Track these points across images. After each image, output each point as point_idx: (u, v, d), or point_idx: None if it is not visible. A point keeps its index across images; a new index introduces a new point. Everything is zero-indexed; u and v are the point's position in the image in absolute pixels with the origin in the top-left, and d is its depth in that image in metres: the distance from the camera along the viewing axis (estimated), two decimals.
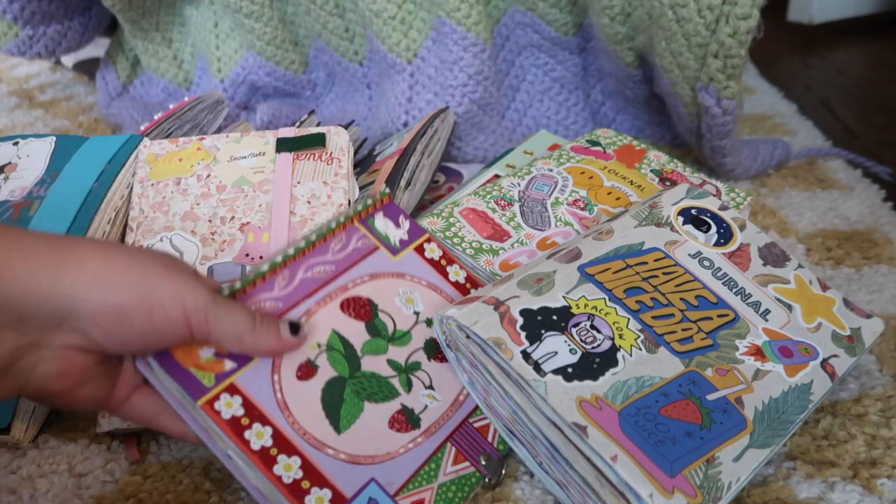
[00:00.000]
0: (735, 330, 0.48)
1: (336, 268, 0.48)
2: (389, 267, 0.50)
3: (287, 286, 0.45)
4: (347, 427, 0.42)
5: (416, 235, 0.52)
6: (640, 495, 0.38)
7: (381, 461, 0.42)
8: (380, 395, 0.44)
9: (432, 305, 0.49)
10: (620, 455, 0.39)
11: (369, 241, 0.50)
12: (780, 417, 0.43)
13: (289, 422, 0.40)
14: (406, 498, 0.42)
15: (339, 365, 0.44)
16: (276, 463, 0.39)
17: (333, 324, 0.45)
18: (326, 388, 0.43)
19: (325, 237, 0.49)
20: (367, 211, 0.51)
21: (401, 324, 0.48)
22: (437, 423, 0.45)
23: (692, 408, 0.42)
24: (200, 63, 0.94)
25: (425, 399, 0.45)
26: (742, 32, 0.63)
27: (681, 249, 0.52)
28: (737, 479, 0.40)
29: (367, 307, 0.47)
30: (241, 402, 0.40)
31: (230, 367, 0.40)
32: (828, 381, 0.46)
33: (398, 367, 0.46)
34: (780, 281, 0.52)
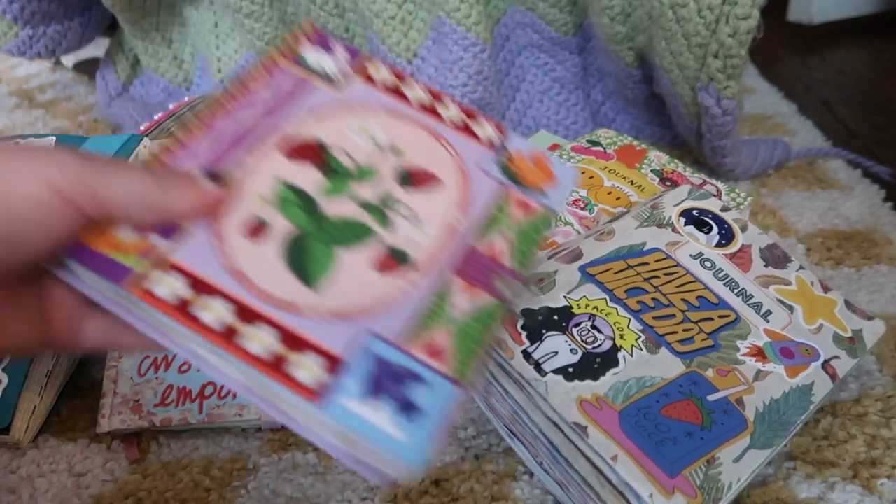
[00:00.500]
0: (736, 331, 0.48)
1: (267, 113, 0.39)
2: (333, 99, 0.41)
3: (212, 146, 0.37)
4: (321, 280, 0.34)
5: (357, 59, 0.43)
6: (640, 495, 0.38)
7: (375, 311, 0.34)
8: (353, 238, 0.36)
9: (395, 132, 0.41)
10: (620, 455, 0.39)
11: (302, 76, 0.41)
12: (781, 418, 0.43)
13: (244, 287, 0.32)
14: (417, 346, 0.34)
15: (296, 217, 0.36)
16: (244, 338, 0.31)
17: (278, 172, 0.37)
18: (285, 244, 0.35)
19: (244, 84, 0.40)
20: (290, 46, 0.42)
21: (361, 158, 0.39)
22: (434, 258, 0.37)
23: (693, 408, 0.43)
24: (200, 63, 0.94)
25: (412, 233, 0.37)
26: (742, 32, 0.63)
27: (682, 250, 0.52)
28: (737, 480, 0.40)
29: (317, 149, 0.39)
30: (181, 277, 0.32)
31: (159, 243, 0.32)
32: (829, 382, 0.46)
33: (370, 206, 0.37)
34: (781, 282, 0.52)
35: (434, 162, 0.41)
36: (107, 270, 0.31)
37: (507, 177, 0.41)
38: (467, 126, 0.43)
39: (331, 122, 0.40)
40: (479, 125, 0.43)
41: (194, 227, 0.33)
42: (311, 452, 0.49)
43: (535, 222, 0.40)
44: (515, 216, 0.40)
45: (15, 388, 0.48)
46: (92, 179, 0.30)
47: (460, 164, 0.41)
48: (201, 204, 0.33)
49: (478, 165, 0.41)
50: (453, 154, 0.41)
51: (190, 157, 0.36)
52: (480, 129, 0.43)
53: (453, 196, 0.40)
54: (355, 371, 0.31)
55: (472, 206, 0.39)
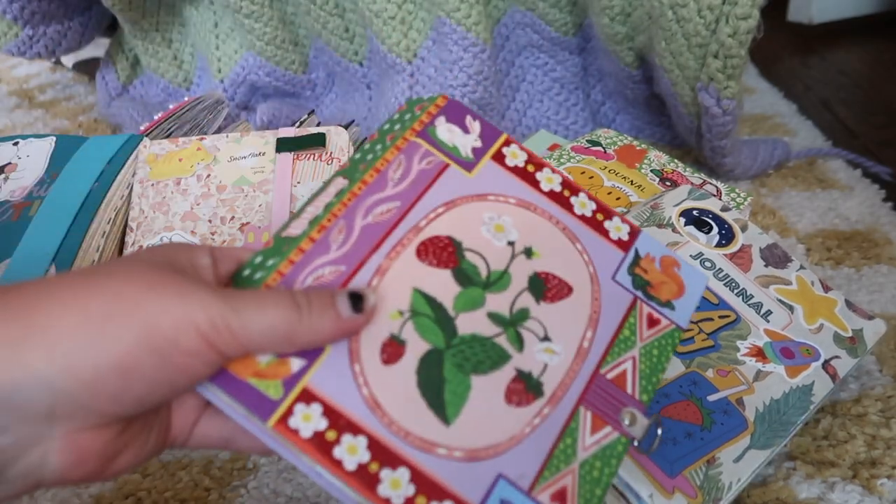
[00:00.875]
0: (736, 331, 0.48)
1: (402, 203, 0.37)
2: (466, 188, 0.39)
3: (345, 242, 0.35)
4: (457, 414, 0.33)
5: (492, 139, 0.40)
6: (640, 495, 0.38)
7: (506, 449, 0.33)
8: (487, 362, 0.34)
9: (528, 229, 0.38)
10: None
11: (436, 158, 0.39)
12: (781, 418, 0.43)
13: (384, 423, 0.31)
14: (544, 490, 0.33)
15: (431, 333, 0.34)
16: (379, 482, 0.30)
17: (413, 280, 0.35)
18: (422, 368, 0.33)
19: (377, 167, 0.37)
20: (422, 121, 0.39)
21: (494, 262, 0.37)
22: (564, 384, 0.35)
23: (693, 408, 0.42)
24: (200, 63, 0.94)
25: (543, 356, 0.35)
26: (742, 32, 0.63)
27: (682, 251, 0.52)
28: (737, 480, 0.40)
29: (450, 248, 0.37)
30: (322, 410, 0.31)
31: (298, 368, 0.31)
32: (829, 382, 0.46)
33: (502, 321, 0.36)
34: (781, 282, 0.52)
35: (567, 267, 0.38)
36: (250, 402, 0.30)
37: (638, 286, 0.38)
38: (599, 222, 0.40)
39: (464, 216, 0.38)
40: (613, 223, 0.40)
41: (331, 346, 0.32)
42: None
43: (662, 342, 0.37)
44: (643, 335, 0.37)
45: None
46: (234, 322, 0.29)
47: (593, 271, 0.38)
48: (343, 333, 0.32)
49: (609, 273, 0.38)
50: (586, 259, 0.38)
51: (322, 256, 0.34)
52: (613, 227, 0.40)
53: (586, 311, 0.37)
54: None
55: (602, 321, 0.37)
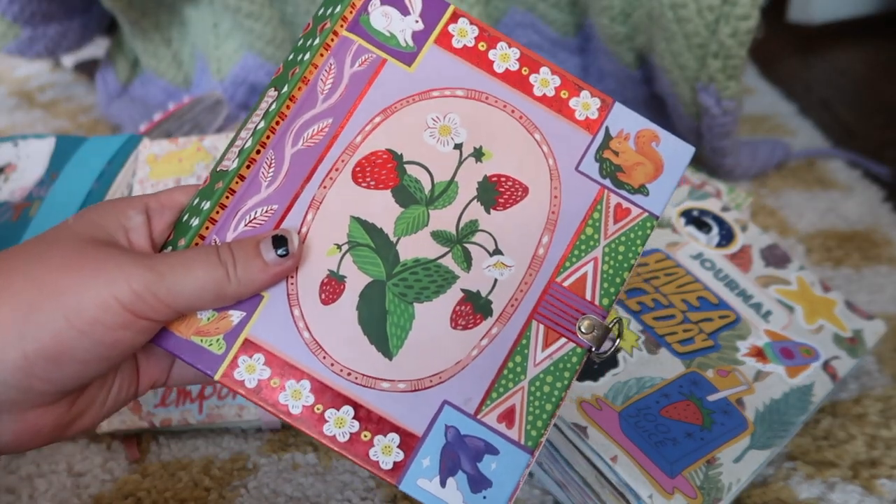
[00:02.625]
0: (736, 331, 0.48)
1: (335, 120, 0.34)
2: (406, 87, 0.35)
3: (276, 176, 0.33)
4: (400, 346, 0.32)
5: (437, 16, 0.36)
6: (639, 496, 0.38)
7: (451, 376, 0.32)
8: (432, 287, 0.33)
9: (478, 124, 0.35)
10: (620, 455, 0.39)
11: (371, 54, 0.35)
12: (781, 419, 0.43)
13: (326, 365, 0.32)
14: (491, 412, 0.32)
15: (370, 265, 0.33)
16: (325, 422, 0.31)
17: (351, 207, 0.33)
18: (362, 303, 0.33)
19: (305, 78, 0.34)
20: (354, 4, 0.35)
21: (439, 172, 0.34)
22: (515, 300, 0.33)
23: (693, 408, 0.42)
24: (200, 63, 0.94)
25: (492, 271, 0.34)
26: (742, 33, 0.63)
27: (682, 251, 0.52)
28: (737, 481, 0.40)
29: (389, 164, 0.34)
30: (264, 359, 0.31)
31: (238, 320, 0.32)
32: (829, 382, 0.46)
33: (448, 239, 0.34)
34: (781, 282, 0.52)
35: (523, 165, 0.35)
36: (196, 359, 0.31)
37: (606, 174, 0.35)
38: (564, 101, 0.36)
39: (405, 121, 0.35)
40: (580, 99, 0.36)
41: (269, 293, 0.32)
42: (311, 452, 0.49)
43: (631, 235, 0.34)
44: (610, 230, 0.34)
45: None
46: (159, 289, 0.29)
47: (553, 164, 0.35)
48: (273, 281, 0.32)
49: (573, 163, 0.35)
50: (546, 151, 0.35)
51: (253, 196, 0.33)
52: (580, 104, 0.36)
53: (543, 213, 0.34)
54: (430, 447, 0.31)
55: (562, 222, 0.34)
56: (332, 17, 0.35)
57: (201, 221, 0.33)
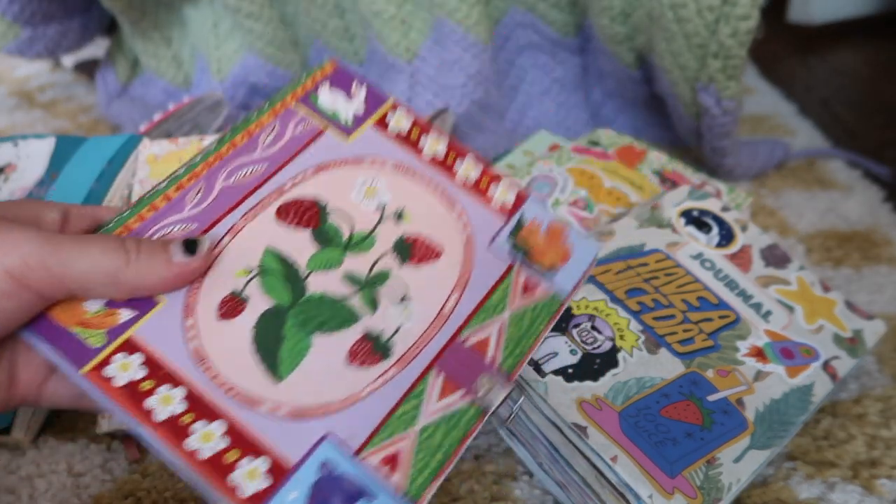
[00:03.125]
0: (736, 331, 0.48)
1: (269, 166, 0.37)
2: (341, 152, 0.38)
3: (202, 201, 0.35)
4: (290, 371, 0.32)
5: (376, 105, 0.40)
6: (639, 496, 0.38)
7: (339, 409, 0.32)
8: (333, 322, 0.34)
9: (402, 193, 0.38)
10: (620, 455, 0.39)
11: (312, 123, 0.39)
12: (781, 419, 0.43)
13: (208, 376, 0.31)
14: (374, 454, 0.31)
15: (276, 291, 0.34)
16: (188, 435, 0.29)
17: (268, 239, 0.35)
18: (260, 325, 0.33)
19: (249, 130, 0.37)
20: (304, 86, 0.39)
21: (360, 224, 0.37)
22: (416, 347, 0.34)
23: (693, 409, 0.43)
24: (200, 63, 0.94)
25: (397, 318, 0.34)
26: (742, 33, 0.63)
27: (682, 251, 0.52)
28: (737, 481, 0.40)
29: (313, 210, 0.36)
30: (142, 360, 0.30)
31: (126, 318, 0.31)
32: (829, 382, 0.46)
33: (358, 282, 0.35)
34: (781, 282, 0.52)
35: (439, 232, 0.37)
36: (69, 350, 0.30)
37: (518, 252, 0.38)
38: (483, 188, 0.39)
39: (335, 178, 0.38)
40: (498, 187, 0.39)
41: (167, 299, 0.32)
42: None
43: (537, 309, 0.36)
44: (517, 301, 0.36)
45: None
46: (53, 261, 0.29)
47: (468, 236, 0.38)
48: (175, 279, 0.32)
49: (487, 238, 0.38)
50: (463, 224, 0.38)
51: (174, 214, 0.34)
52: (498, 192, 0.39)
53: (453, 275, 0.36)
54: (300, 480, 0.29)
55: (471, 286, 0.36)
56: (283, 92, 0.39)
57: (116, 225, 0.33)
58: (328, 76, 0.40)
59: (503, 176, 0.40)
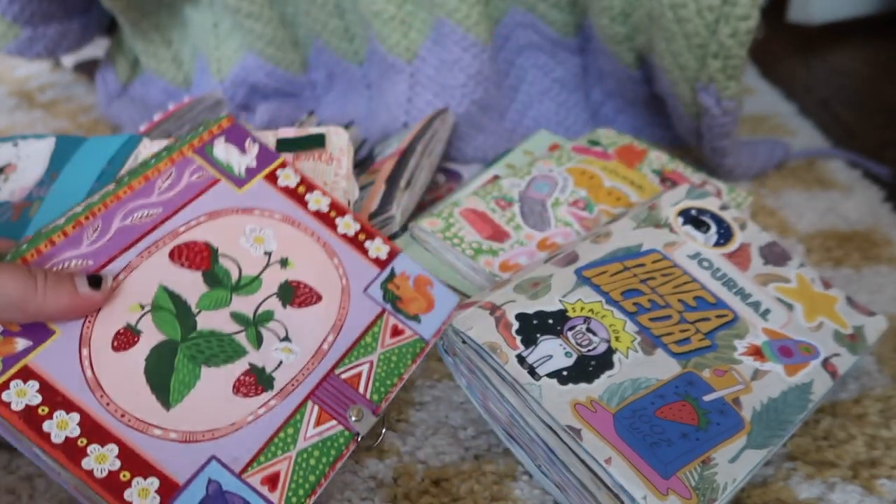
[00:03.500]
0: (734, 330, 0.48)
1: (164, 210, 0.40)
2: (233, 202, 0.42)
3: (98, 239, 0.38)
4: (179, 400, 0.35)
5: (267, 161, 0.45)
6: (633, 497, 0.38)
7: (224, 434, 0.35)
8: (221, 356, 0.37)
9: (288, 242, 0.42)
10: (614, 457, 0.39)
11: (207, 173, 0.43)
12: (779, 417, 0.43)
13: (102, 403, 0.34)
14: (256, 474, 0.35)
15: (168, 326, 0.37)
16: (85, 455, 0.32)
17: (161, 278, 0.38)
18: (151, 357, 0.36)
19: (146, 175, 0.41)
20: (201, 138, 0.44)
21: (248, 268, 0.41)
22: (295, 381, 0.38)
23: (688, 409, 0.42)
24: (200, 63, 0.94)
25: (279, 354, 0.38)
26: (742, 33, 0.63)
27: (679, 251, 0.52)
28: (733, 481, 0.40)
29: (205, 253, 0.40)
30: (38, 387, 0.33)
31: (23, 347, 0.33)
32: (829, 380, 0.46)
33: (244, 321, 0.39)
34: (781, 280, 0.52)
35: (320, 278, 0.42)
36: None
37: (388, 300, 0.42)
38: (360, 242, 0.44)
39: (227, 225, 0.41)
40: (374, 243, 0.44)
41: (62, 330, 0.35)
42: None
43: (403, 350, 0.41)
44: (386, 342, 0.41)
45: None
46: None
47: (345, 284, 0.42)
48: (75, 307, 0.34)
49: (362, 286, 0.42)
50: (341, 273, 0.42)
51: (71, 249, 0.37)
52: (373, 247, 0.44)
53: (331, 317, 0.41)
54: (189, 497, 0.33)
55: (346, 327, 0.40)
56: (180, 142, 0.43)
57: (13, 257, 0.36)
58: (224, 130, 0.45)
59: (378, 233, 0.45)
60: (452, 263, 0.56)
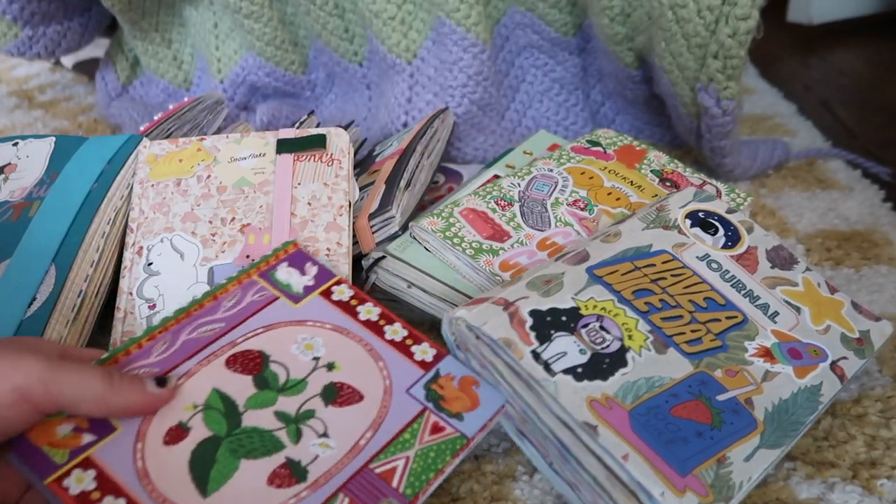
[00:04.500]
0: (744, 331, 0.48)
1: (226, 324, 0.45)
2: (288, 315, 0.47)
3: (166, 351, 0.43)
4: (216, 489, 0.38)
5: (324, 280, 0.49)
6: (651, 494, 0.38)
7: None
8: (260, 450, 0.40)
9: (336, 348, 0.45)
10: (631, 454, 0.39)
11: (268, 292, 0.48)
12: (791, 418, 0.43)
13: (147, 490, 0.37)
14: None
15: (215, 424, 0.41)
16: None
17: (215, 382, 0.42)
18: (197, 450, 0.39)
19: (215, 295, 0.47)
20: (268, 262, 0.49)
21: (295, 372, 0.44)
22: (329, 474, 0.40)
23: (702, 408, 0.42)
24: (200, 63, 0.94)
25: (316, 448, 0.40)
26: (741, 33, 0.63)
27: (688, 252, 0.52)
28: (748, 479, 0.40)
29: (257, 360, 0.44)
30: (95, 475, 0.37)
31: (87, 441, 0.38)
32: (837, 382, 0.46)
33: (286, 418, 0.42)
34: (788, 283, 0.52)
35: (364, 380, 0.44)
36: (36, 463, 0.37)
37: (430, 399, 0.44)
38: (407, 346, 0.46)
39: (280, 335, 0.46)
40: (421, 347, 0.46)
41: (123, 426, 0.39)
42: None
43: (442, 446, 0.42)
44: (424, 438, 0.42)
45: None
46: (50, 380, 0.36)
47: (388, 385, 0.44)
48: (146, 405, 0.40)
49: (405, 386, 0.44)
50: (385, 374, 0.45)
51: (142, 360, 0.43)
52: (420, 350, 0.46)
53: (371, 415, 0.42)
54: None
55: (385, 424, 0.42)
56: (248, 268, 0.49)
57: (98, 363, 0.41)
58: (288, 256, 0.50)
59: (426, 339, 0.47)
60: (452, 263, 0.56)
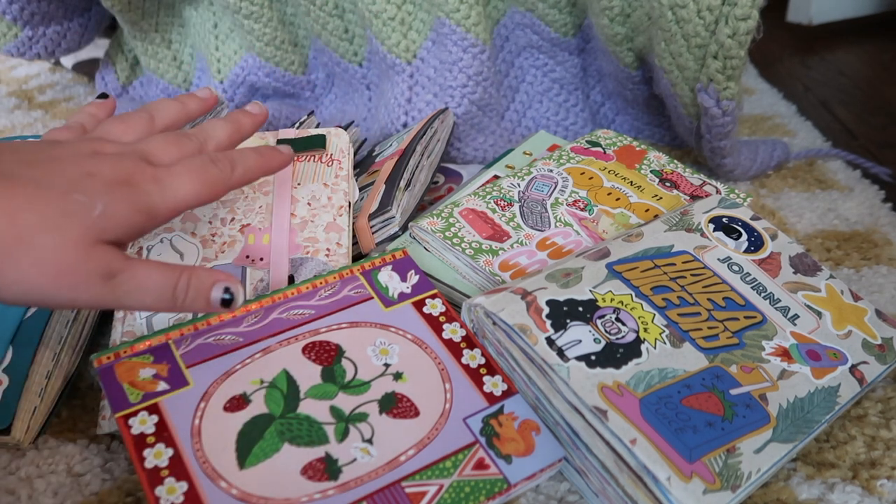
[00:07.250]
0: (762, 331, 0.48)
1: (315, 312, 0.47)
2: (375, 317, 0.48)
3: (256, 324, 0.45)
4: (254, 464, 0.39)
5: (422, 290, 0.50)
6: (657, 478, 0.38)
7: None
8: (305, 438, 0.41)
9: (409, 359, 0.46)
10: (640, 439, 0.39)
11: (364, 291, 0.49)
12: (805, 416, 0.44)
13: (193, 448, 0.40)
14: None
15: (274, 403, 0.42)
16: (160, 484, 0.38)
17: (287, 364, 0.44)
18: (249, 423, 0.41)
19: (314, 283, 0.48)
20: (373, 263, 0.50)
21: (363, 373, 0.45)
22: (360, 480, 0.40)
23: (714, 400, 0.43)
24: (200, 64, 0.94)
25: (357, 452, 0.41)
26: (741, 33, 0.63)
27: (710, 254, 0.53)
28: (757, 470, 0.40)
29: (332, 352, 0.45)
30: (156, 421, 0.40)
31: (161, 389, 0.42)
32: (856, 385, 0.46)
33: (339, 415, 0.42)
34: (810, 289, 0.52)
35: (425, 397, 0.44)
36: (114, 396, 0.41)
37: (484, 433, 0.43)
38: (479, 375, 0.46)
39: (361, 334, 0.46)
40: (493, 379, 0.46)
41: (195, 382, 0.42)
42: None
43: (480, 484, 0.40)
44: (465, 471, 0.41)
45: (16, 390, 0.48)
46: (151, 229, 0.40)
47: (447, 408, 0.44)
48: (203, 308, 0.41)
49: (463, 414, 0.44)
50: (448, 397, 0.44)
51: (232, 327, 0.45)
52: (492, 382, 0.45)
53: (420, 434, 0.42)
54: None
55: (431, 446, 0.42)
56: (355, 263, 0.51)
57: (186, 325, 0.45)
58: (395, 261, 0.51)
59: (501, 371, 0.46)
60: (452, 263, 0.56)
